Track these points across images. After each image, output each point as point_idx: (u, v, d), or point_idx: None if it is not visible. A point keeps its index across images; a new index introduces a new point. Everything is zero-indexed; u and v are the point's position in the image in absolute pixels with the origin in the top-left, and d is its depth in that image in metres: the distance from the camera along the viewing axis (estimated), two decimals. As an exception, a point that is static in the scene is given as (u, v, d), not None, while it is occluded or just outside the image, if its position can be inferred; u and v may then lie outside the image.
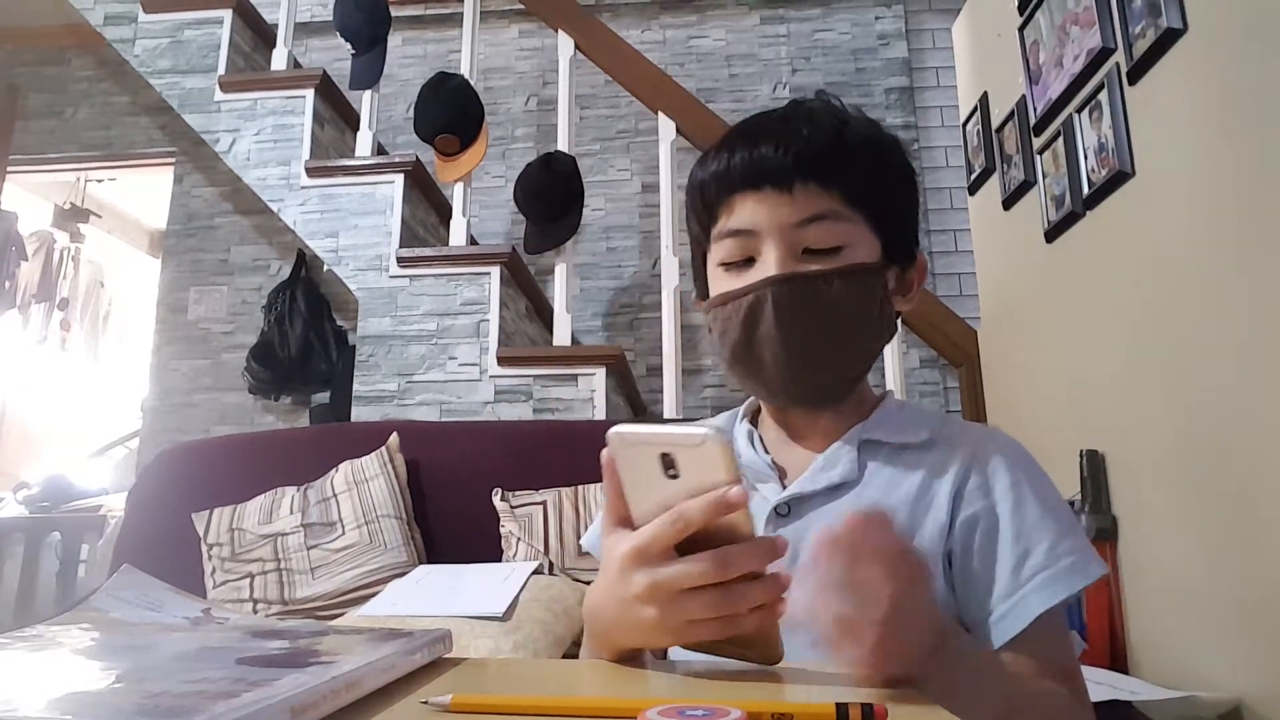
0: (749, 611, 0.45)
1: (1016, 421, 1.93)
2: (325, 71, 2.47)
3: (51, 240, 4.46)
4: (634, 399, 2.35)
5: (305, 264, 3.01)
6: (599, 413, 2.04)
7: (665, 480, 0.45)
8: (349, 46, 2.42)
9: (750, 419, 0.76)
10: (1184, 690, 1.21)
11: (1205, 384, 1.25)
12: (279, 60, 2.47)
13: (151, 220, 4.79)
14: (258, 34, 2.65)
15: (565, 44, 2.33)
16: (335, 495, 1.60)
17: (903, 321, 1.36)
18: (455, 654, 0.50)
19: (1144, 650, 1.42)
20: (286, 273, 3.04)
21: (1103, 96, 1.49)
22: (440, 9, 3.24)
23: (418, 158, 2.32)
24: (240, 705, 0.30)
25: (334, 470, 1.64)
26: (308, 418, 2.95)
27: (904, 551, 0.47)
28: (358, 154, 2.35)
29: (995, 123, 1.99)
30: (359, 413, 2.12)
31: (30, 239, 4.15)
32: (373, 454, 1.64)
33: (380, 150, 2.45)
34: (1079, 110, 1.58)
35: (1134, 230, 1.43)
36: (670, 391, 2.06)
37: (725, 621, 0.45)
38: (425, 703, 0.38)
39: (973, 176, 2.15)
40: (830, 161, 0.65)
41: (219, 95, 2.44)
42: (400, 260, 2.20)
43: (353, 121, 2.51)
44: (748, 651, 0.47)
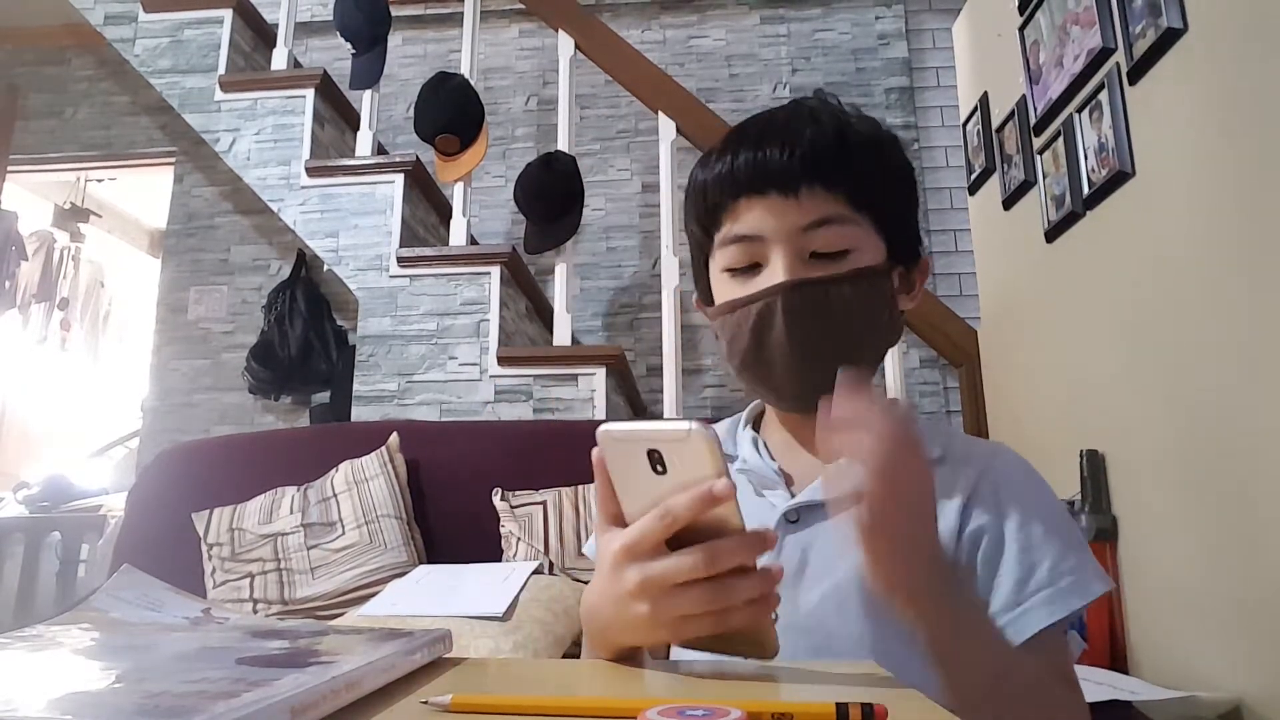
0: (741, 605, 0.45)
1: (1016, 421, 1.93)
2: (325, 71, 2.46)
3: (51, 240, 4.46)
4: (634, 399, 2.35)
5: (305, 264, 3.01)
6: (599, 413, 2.03)
7: (654, 476, 0.45)
8: (349, 46, 2.42)
9: (753, 425, 0.76)
10: (1184, 690, 1.21)
11: (1205, 384, 1.25)
12: (279, 60, 2.47)
13: (151, 220, 4.79)
14: (258, 34, 2.65)
15: (565, 44, 2.33)
16: (335, 495, 1.60)
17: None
18: (455, 654, 0.49)
19: (1144, 650, 1.42)
20: (286, 273, 3.04)
21: (1103, 96, 1.49)
22: (440, 9, 3.24)
23: (418, 158, 2.32)
24: (240, 705, 0.30)
25: (334, 470, 1.64)
26: (308, 418, 2.95)
27: (918, 447, 0.51)
28: (358, 154, 2.35)
29: (995, 123, 1.99)
30: (359, 413, 2.12)
31: (30, 239, 4.14)
32: (373, 454, 1.64)
33: (380, 150, 2.45)
34: (1079, 110, 1.58)
35: (1134, 230, 1.43)
36: (670, 391, 2.06)
37: (718, 616, 0.45)
38: (425, 703, 0.38)
39: (973, 176, 2.15)
40: (835, 164, 0.65)
41: (219, 95, 2.44)
42: (400, 260, 2.20)
43: (353, 121, 2.51)
44: (742, 647, 0.47)
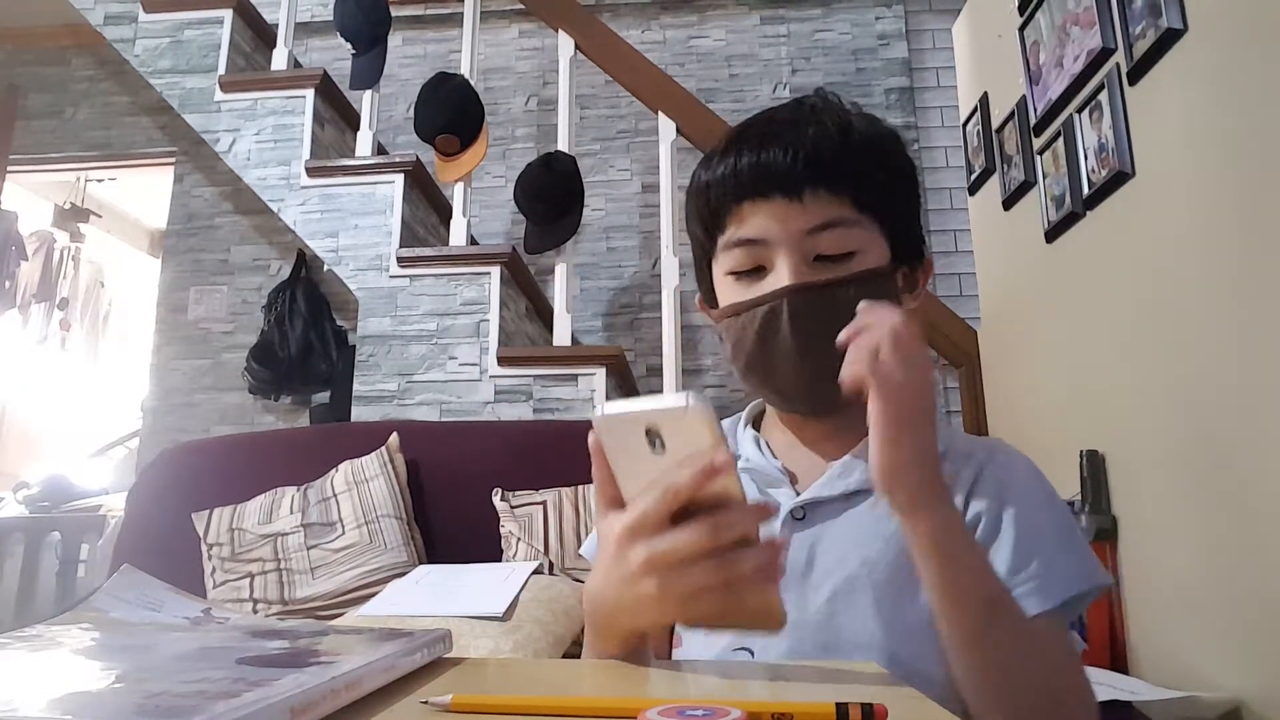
0: (749, 575, 0.44)
1: (1016, 421, 1.93)
2: (325, 71, 2.46)
3: (51, 240, 4.46)
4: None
5: (305, 264, 3.01)
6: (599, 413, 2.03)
7: (652, 455, 0.45)
8: (349, 46, 2.42)
9: (753, 424, 0.76)
10: (1184, 690, 1.21)
11: (1205, 384, 1.25)
12: (279, 60, 2.47)
13: (151, 220, 4.79)
14: (258, 34, 2.65)
15: (565, 44, 2.33)
16: (335, 495, 1.60)
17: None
18: (455, 654, 0.49)
19: (1144, 650, 1.42)
20: (286, 273, 3.04)
21: (1103, 97, 1.49)
22: (440, 9, 3.24)
23: (418, 158, 2.32)
24: (240, 705, 0.30)
25: (334, 470, 1.64)
26: (308, 418, 2.95)
27: (925, 345, 0.54)
28: (358, 154, 2.35)
29: (995, 123, 1.99)
30: (359, 413, 2.12)
31: (30, 239, 4.15)
32: (373, 454, 1.64)
33: (380, 150, 2.45)
34: (1079, 110, 1.58)
35: (1134, 230, 1.43)
36: (670, 391, 2.06)
37: (725, 589, 0.45)
38: (425, 703, 0.38)
39: (973, 177, 2.15)
40: (838, 166, 0.64)
41: (219, 95, 2.44)
42: (400, 260, 2.20)
43: (353, 121, 2.51)
44: (750, 620, 0.46)
